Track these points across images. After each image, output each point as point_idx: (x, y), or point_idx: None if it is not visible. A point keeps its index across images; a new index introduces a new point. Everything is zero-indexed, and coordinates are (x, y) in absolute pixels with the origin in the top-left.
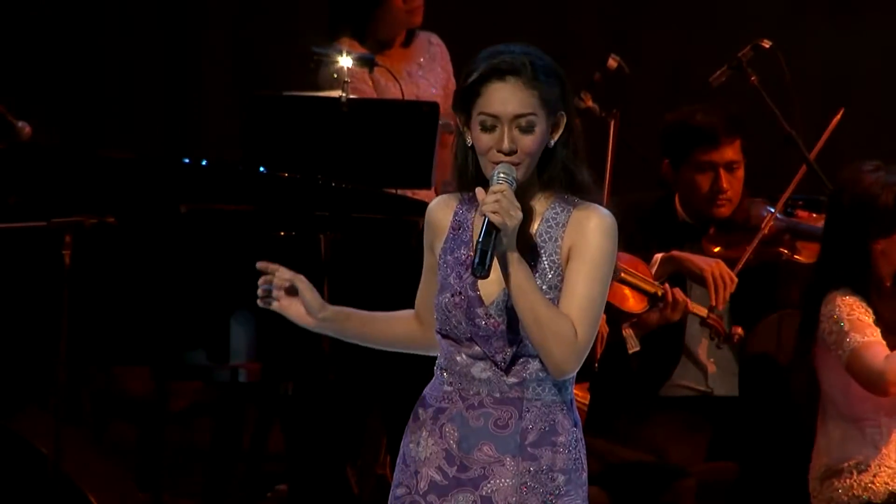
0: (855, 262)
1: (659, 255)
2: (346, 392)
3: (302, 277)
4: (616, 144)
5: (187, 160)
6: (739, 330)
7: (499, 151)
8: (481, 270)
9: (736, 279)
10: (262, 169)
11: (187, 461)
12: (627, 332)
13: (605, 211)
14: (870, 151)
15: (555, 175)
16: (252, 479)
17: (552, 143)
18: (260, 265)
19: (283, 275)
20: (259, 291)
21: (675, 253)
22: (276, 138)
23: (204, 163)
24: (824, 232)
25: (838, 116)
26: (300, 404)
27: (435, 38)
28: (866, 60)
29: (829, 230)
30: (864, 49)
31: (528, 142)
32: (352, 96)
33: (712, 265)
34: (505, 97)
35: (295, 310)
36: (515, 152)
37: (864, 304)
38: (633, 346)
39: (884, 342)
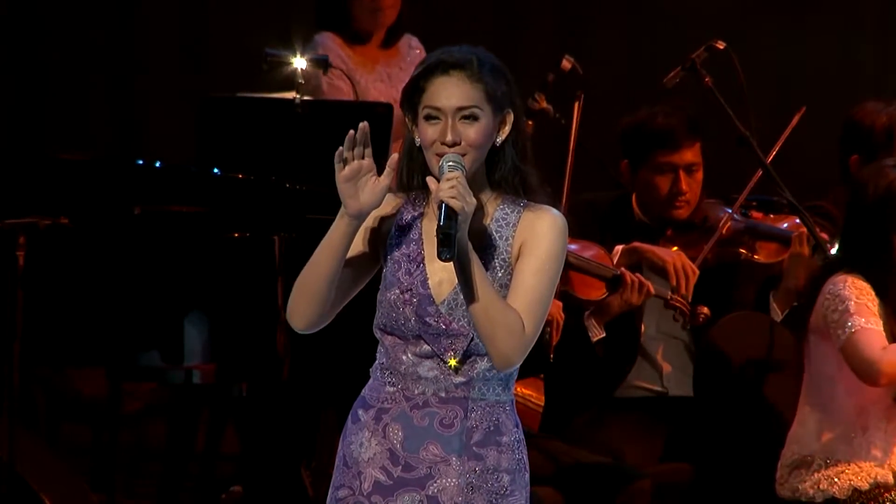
0: (875, 252)
1: (620, 247)
2: (301, 393)
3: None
4: (579, 127)
5: (141, 161)
6: (705, 309)
7: (443, 144)
8: (448, 253)
9: (697, 271)
10: (215, 170)
11: (141, 462)
12: (590, 321)
13: (556, 212)
14: (821, 152)
15: (506, 174)
16: (206, 481)
17: (499, 141)
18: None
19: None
20: (345, 155)
21: (637, 244)
22: (230, 139)
23: (158, 164)
24: (844, 226)
25: (799, 115)
26: (254, 405)
27: (415, 42)
28: (820, 62)
29: (850, 224)
30: (818, 50)
31: (472, 133)
32: (306, 98)
33: (674, 256)
34: (449, 91)
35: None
36: (459, 143)
37: (872, 293)
38: (598, 333)
39: (883, 333)
